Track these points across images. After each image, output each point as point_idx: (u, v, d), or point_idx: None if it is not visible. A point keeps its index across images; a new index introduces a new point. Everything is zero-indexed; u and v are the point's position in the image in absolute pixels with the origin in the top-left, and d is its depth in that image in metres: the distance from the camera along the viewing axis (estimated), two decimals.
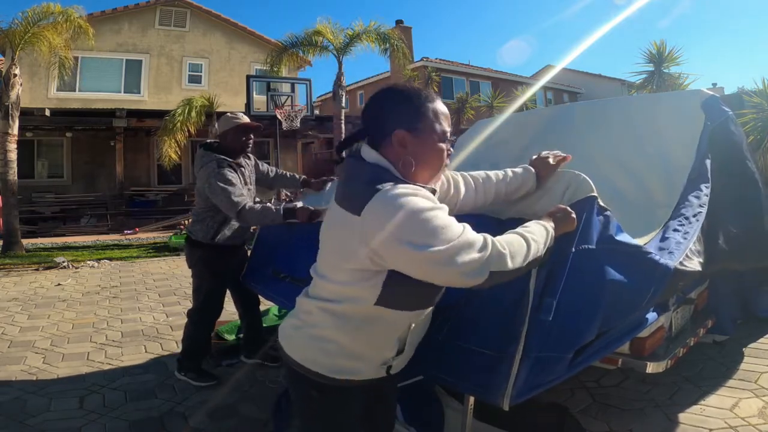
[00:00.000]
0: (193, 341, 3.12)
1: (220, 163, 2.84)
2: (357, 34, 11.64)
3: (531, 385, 1.34)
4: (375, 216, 1.08)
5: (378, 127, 1.21)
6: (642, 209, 2.48)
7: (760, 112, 6.75)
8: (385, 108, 1.22)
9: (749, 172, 2.94)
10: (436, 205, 1.10)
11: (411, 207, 1.06)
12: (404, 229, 1.05)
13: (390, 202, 1.07)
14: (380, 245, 1.07)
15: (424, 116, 1.19)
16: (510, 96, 15.13)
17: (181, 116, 10.08)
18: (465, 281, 1.09)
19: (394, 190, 1.08)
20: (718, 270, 2.45)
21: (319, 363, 1.24)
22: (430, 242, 1.04)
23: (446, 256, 1.05)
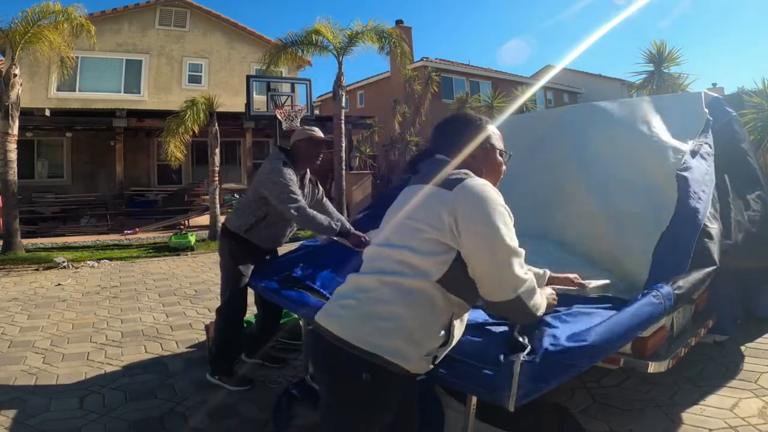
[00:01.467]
0: (221, 338, 3.10)
1: (286, 164, 2.94)
2: (356, 34, 11.62)
3: (537, 385, 1.34)
4: (465, 192, 1.28)
5: (446, 138, 1.49)
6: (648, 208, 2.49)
7: (760, 112, 6.76)
8: (454, 125, 1.53)
9: (752, 171, 2.95)
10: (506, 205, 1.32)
11: (494, 195, 1.29)
12: (486, 209, 1.26)
13: (479, 186, 1.30)
14: (463, 215, 1.25)
15: (488, 137, 1.49)
16: (510, 96, 15.11)
17: (189, 117, 10.05)
18: (499, 286, 1.25)
19: (480, 180, 1.33)
20: (721, 269, 2.45)
21: (374, 343, 1.26)
22: (502, 229, 1.24)
23: (507, 250, 1.24)
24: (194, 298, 5.51)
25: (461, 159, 1.43)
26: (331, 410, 1.36)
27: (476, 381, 1.46)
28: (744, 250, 2.56)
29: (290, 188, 2.82)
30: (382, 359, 1.25)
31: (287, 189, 2.81)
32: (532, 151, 3.43)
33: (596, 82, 26.33)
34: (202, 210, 12.57)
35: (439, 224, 1.26)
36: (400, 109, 17.50)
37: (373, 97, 22.66)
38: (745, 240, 2.56)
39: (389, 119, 17.43)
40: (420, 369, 1.33)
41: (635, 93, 11.17)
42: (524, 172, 3.31)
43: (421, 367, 1.33)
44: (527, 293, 1.27)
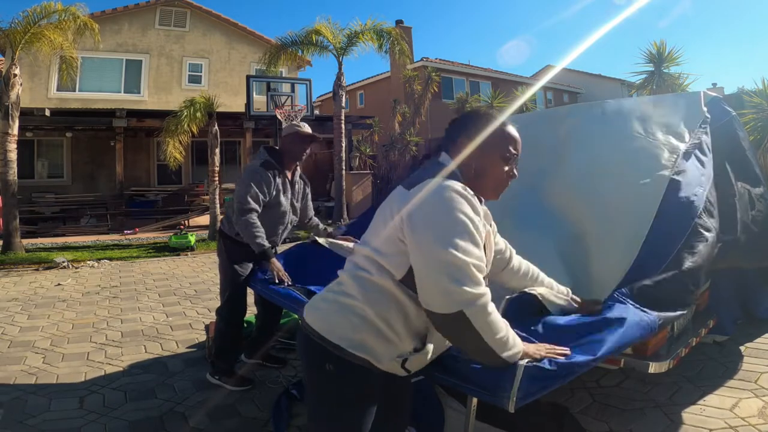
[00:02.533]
0: (221, 338, 3.10)
1: (267, 165, 2.94)
2: (356, 33, 11.62)
3: (537, 387, 1.35)
4: (420, 192, 1.22)
5: (449, 136, 1.41)
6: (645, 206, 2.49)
7: (760, 112, 6.76)
8: (459, 122, 1.43)
9: (752, 171, 2.95)
10: (475, 218, 1.20)
11: (453, 201, 1.18)
12: (437, 215, 1.17)
13: (438, 187, 1.21)
14: (410, 216, 1.19)
15: (493, 135, 1.36)
16: (510, 96, 15.10)
17: (187, 117, 10.05)
18: (437, 295, 1.14)
19: (448, 182, 1.23)
20: (722, 269, 2.45)
21: (341, 335, 1.27)
22: (450, 240, 1.14)
23: (451, 262, 1.12)
24: (194, 298, 5.51)
25: (460, 159, 1.35)
26: (309, 406, 1.42)
27: (476, 382, 1.47)
28: (741, 252, 2.56)
29: (250, 190, 2.82)
30: (345, 351, 1.26)
31: (246, 190, 2.83)
32: (525, 150, 3.43)
33: (596, 82, 26.33)
34: (202, 210, 12.57)
35: (393, 222, 1.25)
36: (400, 109, 17.50)
37: (373, 97, 22.66)
38: (741, 242, 2.56)
39: (389, 119, 17.43)
40: (391, 369, 1.32)
41: (635, 93, 11.16)
42: (523, 172, 3.31)
43: (391, 366, 1.31)
44: (476, 312, 1.13)
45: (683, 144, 2.64)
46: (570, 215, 2.82)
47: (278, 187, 2.98)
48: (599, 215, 2.69)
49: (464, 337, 1.17)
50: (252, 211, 2.82)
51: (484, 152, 1.35)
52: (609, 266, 2.29)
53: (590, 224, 2.68)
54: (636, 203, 2.50)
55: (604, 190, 2.81)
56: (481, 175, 1.35)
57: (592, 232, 2.63)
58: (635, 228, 2.32)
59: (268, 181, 2.90)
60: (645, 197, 2.46)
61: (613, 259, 2.31)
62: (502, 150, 1.36)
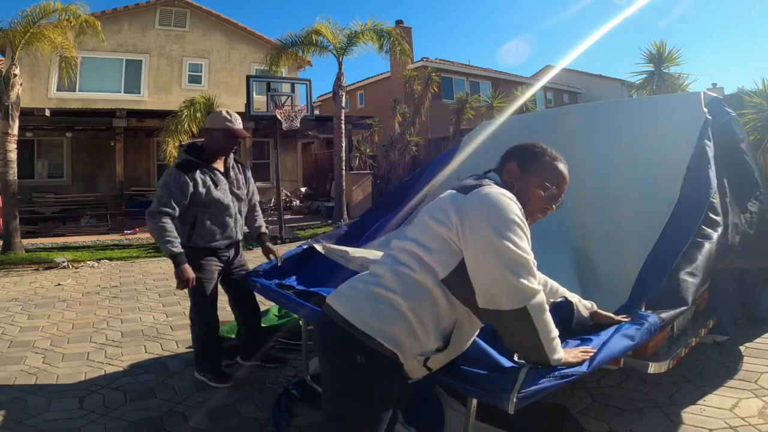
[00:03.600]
0: (197, 339, 3.11)
1: (183, 166, 2.85)
2: (356, 33, 11.62)
3: (536, 388, 1.35)
4: (477, 197, 1.28)
5: (502, 159, 1.52)
6: (647, 202, 2.49)
7: (760, 112, 6.76)
8: (513, 149, 1.53)
9: (751, 172, 2.95)
10: (525, 222, 1.29)
11: (508, 204, 1.26)
12: (495, 214, 1.23)
13: (493, 193, 1.28)
14: (470, 218, 1.24)
15: (540, 162, 1.46)
16: (510, 96, 15.08)
17: (187, 117, 10.04)
18: (506, 293, 1.18)
19: (500, 189, 1.32)
20: (721, 269, 2.45)
21: (375, 326, 1.26)
22: (509, 236, 1.20)
23: (511, 259, 1.19)
24: None
25: (507, 178, 1.46)
26: (328, 403, 1.35)
27: (477, 383, 1.47)
28: (741, 252, 2.56)
29: (161, 194, 2.79)
30: (377, 342, 1.25)
31: (158, 197, 2.80)
32: None
33: (596, 82, 26.33)
34: None
35: (447, 221, 1.27)
36: (400, 109, 17.49)
37: (373, 97, 22.66)
38: (742, 242, 2.56)
39: (389, 119, 17.42)
40: (411, 367, 1.32)
41: (635, 93, 11.16)
42: None
43: (413, 366, 1.31)
44: (536, 308, 1.20)
45: (687, 145, 2.64)
46: (576, 218, 2.82)
47: (207, 183, 2.88)
48: (606, 218, 2.69)
49: (523, 334, 1.23)
50: (161, 214, 2.76)
51: (527, 174, 1.44)
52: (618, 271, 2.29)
53: (598, 228, 2.68)
54: (644, 206, 2.51)
55: (609, 193, 2.81)
56: (520, 195, 1.38)
57: (600, 235, 2.63)
58: (644, 231, 2.32)
59: (182, 182, 2.80)
60: (654, 201, 2.47)
61: (623, 262, 2.31)
62: (544, 177, 1.44)
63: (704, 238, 2.14)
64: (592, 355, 1.49)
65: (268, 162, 15.78)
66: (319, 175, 17.70)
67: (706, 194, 2.31)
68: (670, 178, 2.52)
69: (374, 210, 3.98)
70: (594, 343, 1.59)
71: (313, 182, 17.74)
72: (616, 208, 2.69)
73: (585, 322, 1.79)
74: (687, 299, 1.87)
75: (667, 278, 1.95)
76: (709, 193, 2.31)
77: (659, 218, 2.32)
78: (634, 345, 1.64)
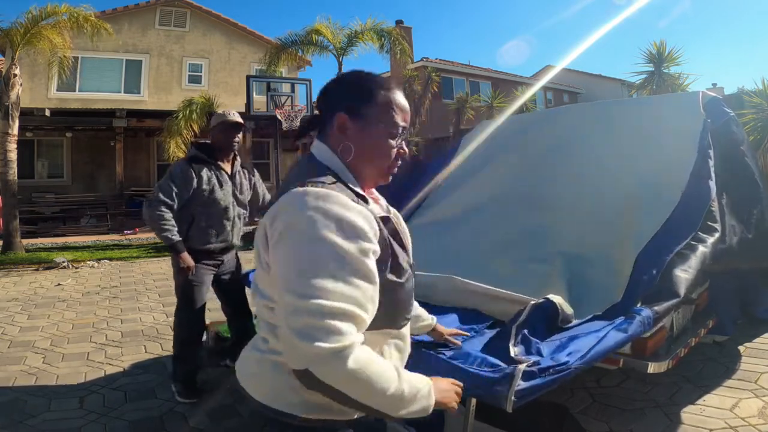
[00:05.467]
0: (177, 342, 3.04)
1: (193, 160, 2.90)
2: (356, 33, 11.63)
3: (533, 385, 1.36)
4: (287, 200, 0.89)
5: (325, 111, 1.05)
6: (647, 206, 2.49)
7: (760, 112, 6.76)
8: (333, 90, 1.07)
9: (750, 171, 2.95)
10: (347, 244, 0.83)
11: (316, 224, 0.84)
12: (292, 241, 0.85)
13: (297, 204, 0.87)
14: (274, 228, 0.89)
15: (373, 102, 1.01)
16: (510, 96, 15.09)
17: (183, 118, 10.08)
18: (285, 350, 0.83)
19: (311, 192, 0.88)
20: (721, 269, 2.46)
21: (289, 401, 0.95)
22: (301, 281, 0.81)
23: (308, 285, 0.80)
24: None
25: (337, 143, 1.02)
26: None
27: (475, 382, 1.47)
28: (741, 253, 2.56)
29: (162, 184, 2.82)
30: (300, 419, 0.94)
31: (160, 183, 2.84)
32: (527, 151, 3.44)
33: (596, 82, 26.33)
34: None
35: (262, 243, 0.95)
36: None
37: None
38: (741, 243, 2.57)
39: None
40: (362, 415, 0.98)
41: (635, 93, 11.17)
42: (520, 172, 3.31)
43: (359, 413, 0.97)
44: (328, 370, 0.78)
45: (688, 149, 2.64)
46: (573, 217, 2.82)
47: (212, 182, 2.89)
48: (603, 218, 2.69)
49: (331, 396, 0.82)
50: (160, 203, 2.77)
51: (366, 124, 1.01)
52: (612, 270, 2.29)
53: (594, 227, 2.69)
54: (642, 208, 2.51)
55: (607, 193, 2.81)
56: (365, 159, 1.02)
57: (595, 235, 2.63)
58: (640, 232, 2.32)
59: (188, 176, 2.82)
60: (653, 203, 2.47)
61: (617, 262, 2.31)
62: (389, 120, 1.02)
63: (699, 241, 2.16)
64: (586, 351, 1.50)
65: (268, 162, 15.78)
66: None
67: (705, 203, 2.32)
68: (670, 182, 2.52)
69: None
70: (583, 340, 1.59)
71: None
72: (613, 208, 2.69)
73: (569, 319, 1.81)
74: (679, 292, 1.88)
75: (660, 275, 1.96)
76: (708, 202, 2.32)
77: (656, 221, 2.32)
78: (628, 337, 1.64)
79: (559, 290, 2.05)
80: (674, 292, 1.89)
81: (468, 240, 3.00)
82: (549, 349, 1.57)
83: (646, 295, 1.88)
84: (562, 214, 2.83)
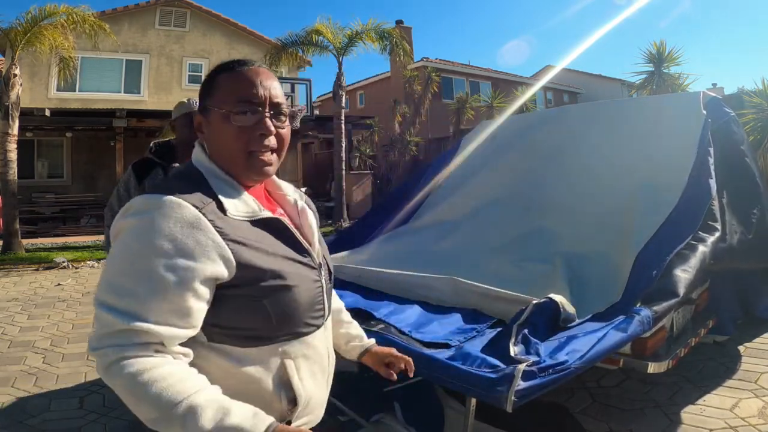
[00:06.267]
0: None
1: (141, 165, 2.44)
2: (356, 33, 11.63)
3: (533, 387, 1.36)
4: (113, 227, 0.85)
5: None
6: (647, 206, 2.50)
7: (760, 112, 6.76)
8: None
9: (750, 171, 2.95)
10: (163, 253, 0.78)
11: (133, 233, 0.81)
12: (122, 226, 0.83)
13: (126, 208, 0.84)
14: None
15: (213, 90, 0.94)
16: (510, 96, 15.10)
17: None
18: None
19: (150, 198, 0.83)
20: (721, 270, 2.46)
21: None
22: (118, 256, 0.81)
23: (107, 287, 0.80)
24: None
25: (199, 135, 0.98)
26: None
27: (475, 382, 1.48)
28: (741, 253, 2.56)
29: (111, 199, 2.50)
30: None
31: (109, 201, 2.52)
32: (527, 151, 3.44)
33: (596, 82, 26.33)
34: None
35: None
36: (400, 109, 17.50)
37: (373, 97, 22.65)
38: (741, 243, 2.57)
39: (389, 119, 17.43)
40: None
41: (635, 93, 11.17)
42: (521, 172, 3.31)
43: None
44: (107, 360, 0.77)
45: (688, 149, 2.64)
46: (572, 216, 2.82)
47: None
48: (602, 218, 2.69)
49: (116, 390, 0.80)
50: (106, 218, 2.47)
51: (209, 115, 0.94)
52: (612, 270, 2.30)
53: (593, 227, 2.69)
54: (642, 208, 2.51)
55: (607, 193, 2.81)
56: (217, 150, 0.94)
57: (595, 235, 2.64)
58: (639, 232, 2.33)
59: (132, 184, 2.44)
60: (653, 204, 2.47)
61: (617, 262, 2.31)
62: (223, 102, 0.92)
63: (699, 241, 2.15)
64: (586, 351, 1.50)
65: None
66: (319, 175, 17.68)
67: (706, 202, 2.32)
68: (671, 182, 2.52)
69: (373, 212, 3.99)
70: (582, 339, 1.59)
71: (313, 182, 17.74)
72: (613, 208, 2.70)
73: (571, 318, 1.80)
74: (679, 292, 1.88)
75: (659, 275, 1.96)
76: (708, 201, 2.32)
77: (656, 220, 2.32)
78: (628, 337, 1.64)
79: (559, 290, 2.05)
80: (674, 292, 1.88)
81: (469, 240, 3.00)
82: (549, 349, 1.57)
83: (645, 295, 1.87)
84: (562, 214, 2.83)
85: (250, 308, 0.86)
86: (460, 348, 1.70)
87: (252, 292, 0.86)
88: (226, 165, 0.94)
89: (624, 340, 1.63)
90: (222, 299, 0.85)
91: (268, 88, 0.93)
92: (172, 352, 0.80)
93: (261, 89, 0.93)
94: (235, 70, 0.94)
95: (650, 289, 1.90)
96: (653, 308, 1.78)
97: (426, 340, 1.82)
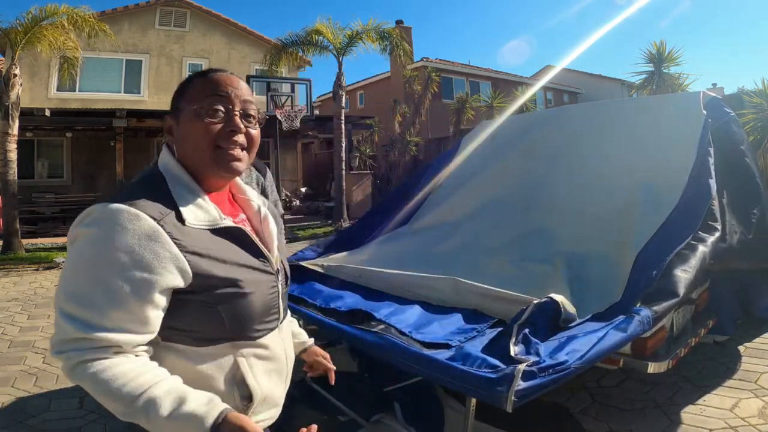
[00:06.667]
0: None
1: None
2: (356, 34, 11.63)
3: (533, 387, 1.36)
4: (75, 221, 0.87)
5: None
6: (647, 205, 2.50)
7: (760, 112, 6.76)
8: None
9: (750, 171, 2.95)
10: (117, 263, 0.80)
11: (88, 241, 0.82)
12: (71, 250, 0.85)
13: (83, 216, 0.85)
14: None
15: (185, 93, 0.98)
16: (510, 96, 15.09)
17: None
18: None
19: (108, 206, 0.83)
20: (721, 270, 2.46)
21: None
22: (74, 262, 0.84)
23: (66, 293, 0.83)
24: None
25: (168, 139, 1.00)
26: None
27: (475, 382, 1.48)
28: (741, 253, 2.56)
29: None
30: None
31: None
32: (527, 151, 3.44)
33: (596, 82, 26.33)
34: None
35: None
36: (400, 109, 17.49)
37: (373, 97, 22.66)
38: (741, 243, 2.57)
39: (389, 119, 17.43)
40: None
41: (635, 93, 11.17)
42: (521, 172, 3.31)
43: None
44: (71, 363, 0.80)
45: (688, 149, 2.64)
46: (572, 217, 2.82)
47: None
48: (602, 218, 2.69)
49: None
50: None
51: (179, 116, 0.96)
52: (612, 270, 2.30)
53: (593, 228, 2.69)
54: (642, 208, 2.51)
55: (607, 193, 2.81)
56: (186, 151, 0.95)
57: (594, 235, 2.64)
58: (639, 232, 2.33)
59: None
60: (653, 204, 2.47)
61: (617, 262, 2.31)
62: (192, 101, 0.95)
63: (699, 241, 2.15)
64: (586, 351, 1.50)
65: (268, 162, 15.80)
66: (319, 175, 17.68)
67: (706, 202, 2.32)
68: (671, 182, 2.53)
69: (373, 213, 3.99)
70: (582, 339, 1.60)
71: (313, 182, 17.75)
72: (613, 208, 2.70)
73: (572, 318, 1.81)
74: (679, 292, 1.88)
75: (659, 275, 1.96)
76: (708, 201, 2.32)
77: (656, 220, 2.32)
78: (628, 337, 1.64)
79: (559, 290, 2.05)
80: (674, 292, 1.88)
81: (469, 240, 3.00)
82: (549, 349, 1.57)
83: (645, 295, 1.87)
84: (562, 214, 2.84)
85: (205, 313, 0.89)
86: (460, 348, 1.70)
87: (207, 298, 0.88)
88: (193, 165, 0.95)
89: (624, 340, 1.63)
90: (178, 304, 0.87)
91: (238, 88, 0.97)
92: (132, 352, 0.83)
93: (231, 89, 0.96)
94: (208, 75, 0.98)
95: (650, 289, 1.90)
96: (653, 308, 1.78)
97: (426, 341, 1.82)
